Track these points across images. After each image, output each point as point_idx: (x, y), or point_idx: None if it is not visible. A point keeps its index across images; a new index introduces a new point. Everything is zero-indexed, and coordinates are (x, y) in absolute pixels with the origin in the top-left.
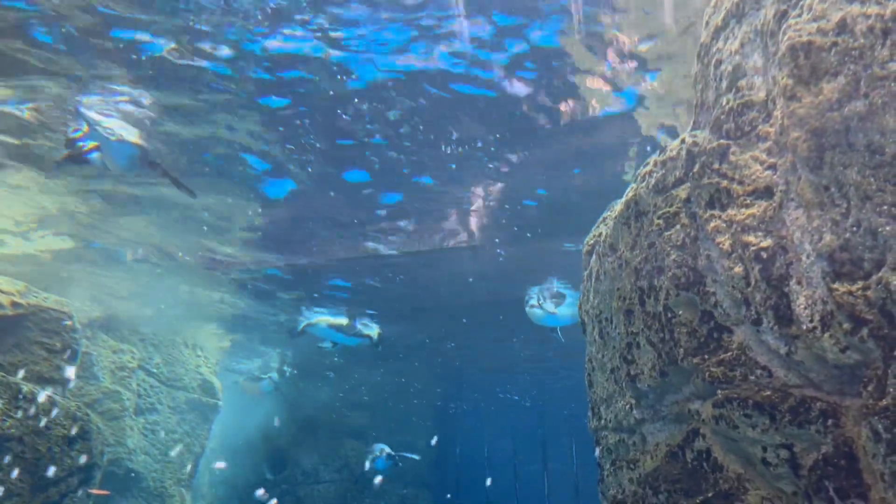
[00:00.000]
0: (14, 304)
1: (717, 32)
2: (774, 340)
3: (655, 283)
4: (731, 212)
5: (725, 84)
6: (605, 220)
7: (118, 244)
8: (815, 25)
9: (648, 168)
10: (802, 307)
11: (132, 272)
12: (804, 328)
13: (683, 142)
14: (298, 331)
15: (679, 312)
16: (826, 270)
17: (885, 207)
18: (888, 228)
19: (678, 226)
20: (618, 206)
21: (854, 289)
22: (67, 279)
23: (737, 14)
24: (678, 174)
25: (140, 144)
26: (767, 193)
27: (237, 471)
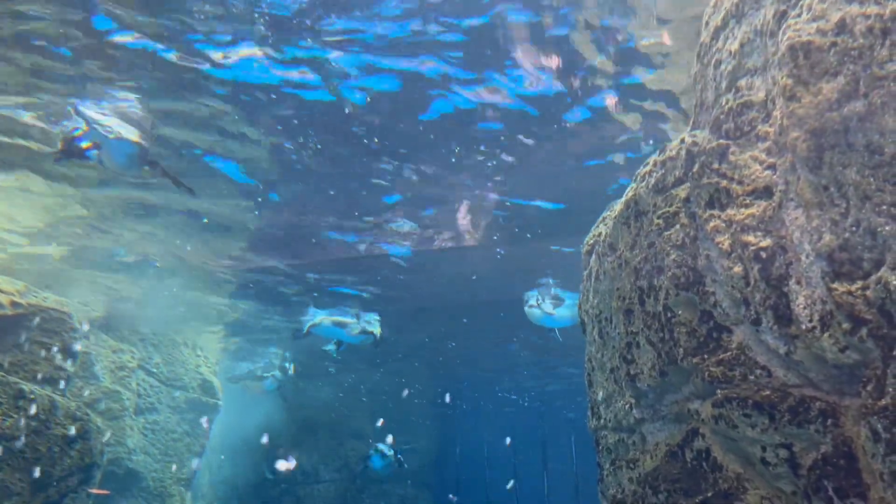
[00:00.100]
0: (14, 304)
1: (717, 32)
2: (774, 340)
3: (655, 283)
4: (731, 211)
5: (725, 84)
6: (605, 220)
7: (121, 246)
8: (815, 25)
9: (648, 168)
10: (802, 307)
11: (134, 274)
12: (803, 328)
13: (683, 141)
14: (304, 332)
15: (678, 312)
16: (825, 270)
17: (885, 207)
18: (887, 228)
19: (678, 225)
20: (617, 206)
21: (853, 288)
22: (69, 280)
23: (736, 14)
24: (678, 174)
25: (139, 143)
26: (767, 193)
27: (237, 471)
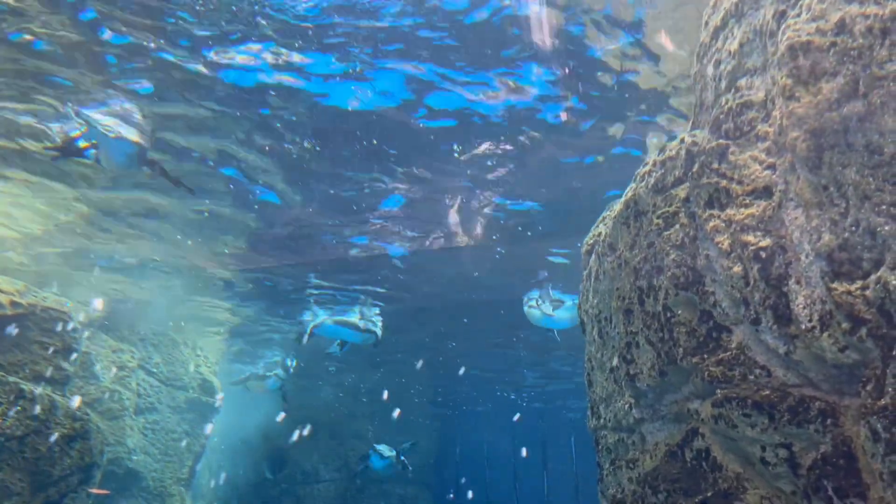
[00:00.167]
0: (13, 304)
1: (717, 32)
2: (773, 340)
3: (655, 283)
4: (730, 211)
5: (724, 84)
6: (605, 220)
7: (123, 248)
8: (814, 25)
9: (647, 168)
10: (801, 307)
11: (134, 276)
12: (803, 328)
13: (683, 141)
14: (307, 334)
15: (678, 312)
16: (825, 270)
17: (884, 207)
18: (887, 228)
19: (677, 225)
20: (617, 206)
21: (853, 288)
22: (69, 280)
23: (736, 14)
24: (677, 174)
25: (139, 143)
26: (766, 193)
27: (237, 470)
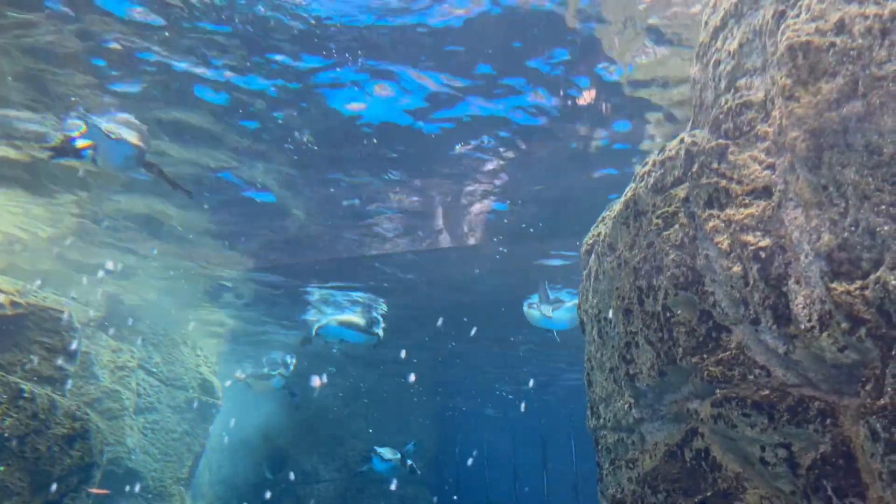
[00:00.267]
0: (13, 304)
1: (716, 32)
2: (773, 340)
3: (654, 283)
4: (730, 211)
5: (724, 84)
6: (604, 220)
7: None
8: (814, 26)
9: (647, 168)
10: (801, 307)
11: (135, 278)
12: (802, 328)
13: (682, 141)
14: (312, 334)
15: (678, 312)
16: (824, 270)
17: (883, 207)
18: (886, 228)
19: (677, 225)
20: (616, 206)
21: (852, 288)
22: (68, 280)
23: (735, 14)
24: (677, 174)
25: (138, 145)
26: (766, 193)
27: (237, 470)
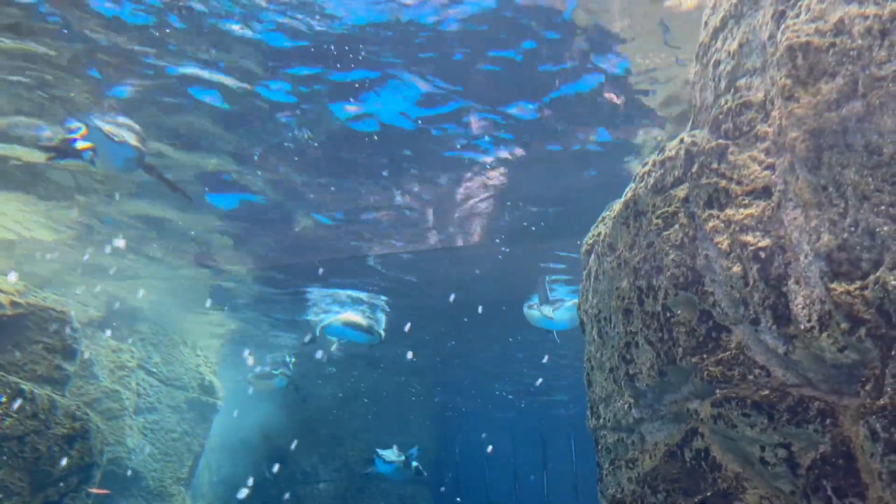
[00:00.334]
0: (13, 304)
1: (716, 33)
2: (773, 340)
3: (654, 283)
4: (730, 211)
5: (724, 84)
6: (604, 220)
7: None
8: (813, 26)
9: (647, 168)
10: (800, 307)
11: (138, 279)
12: (802, 328)
13: (682, 141)
14: (317, 334)
15: (678, 312)
16: (824, 270)
17: (883, 207)
18: (886, 228)
19: (677, 225)
20: (616, 206)
21: (852, 288)
22: (68, 281)
23: (735, 14)
24: (677, 174)
25: (138, 147)
26: (766, 193)
27: (237, 470)
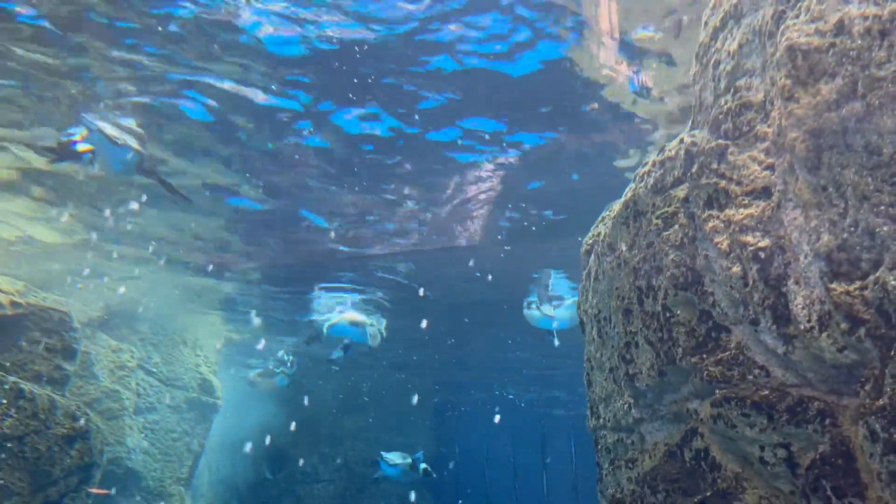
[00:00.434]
0: (13, 304)
1: (716, 33)
2: (772, 340)
3: (654, 283)
4: (730, 212)
5: (724, 85)
6: (604, 220)
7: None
8: (813, 27)
9: (647, 168)
10: (800, 307)
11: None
12: (802, 328)
13: (682, 142)
14: (323, 333)
15: (677, 312)
16: (824, 270)
17: (883, 208)
18: (885, 229)
19: (676, 226)
20: (616, 206)
21: (851, 289)
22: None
23: (735, 15)
24: (676, 174)
25: (138, 150)
26: (765, 194)
27: (237, 470)
